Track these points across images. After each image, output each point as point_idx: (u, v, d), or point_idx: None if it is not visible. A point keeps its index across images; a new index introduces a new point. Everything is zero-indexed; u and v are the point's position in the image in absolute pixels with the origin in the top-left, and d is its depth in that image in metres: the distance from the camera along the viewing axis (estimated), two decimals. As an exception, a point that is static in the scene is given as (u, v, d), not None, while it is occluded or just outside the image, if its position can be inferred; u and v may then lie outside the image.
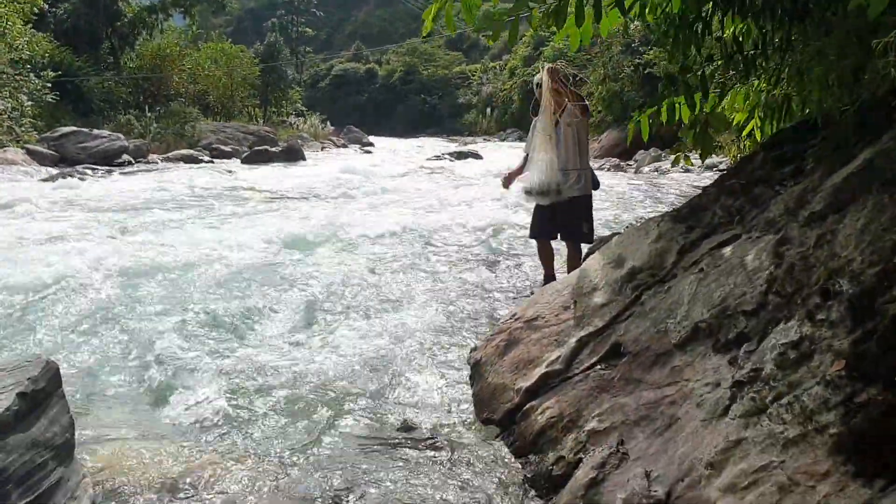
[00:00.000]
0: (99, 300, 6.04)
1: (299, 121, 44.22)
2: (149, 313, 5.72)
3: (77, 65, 29.00)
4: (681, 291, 3.15)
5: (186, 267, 7.22)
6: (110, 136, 22.81)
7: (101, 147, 21.90)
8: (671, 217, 3.72)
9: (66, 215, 10.93)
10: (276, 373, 4.55)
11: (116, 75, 32.11)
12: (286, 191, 15.30)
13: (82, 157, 21.06)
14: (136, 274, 6.93)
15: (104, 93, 30.18)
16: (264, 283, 6.70)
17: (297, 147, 28.06)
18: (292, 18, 79.48)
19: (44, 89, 24.20)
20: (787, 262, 2.67)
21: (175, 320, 5.50)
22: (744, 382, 2.45)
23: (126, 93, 31.65)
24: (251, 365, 4.64)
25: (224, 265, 7.35)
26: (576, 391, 3.32)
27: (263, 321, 5.62)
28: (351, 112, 73.76)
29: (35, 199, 12.36)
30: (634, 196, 13.87)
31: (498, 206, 12.09)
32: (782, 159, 3.46)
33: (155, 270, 7.05)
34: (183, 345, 4.99)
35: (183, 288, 6.48)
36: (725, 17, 4.14)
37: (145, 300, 6.07)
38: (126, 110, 29.76)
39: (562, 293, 4.03)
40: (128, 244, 8.41)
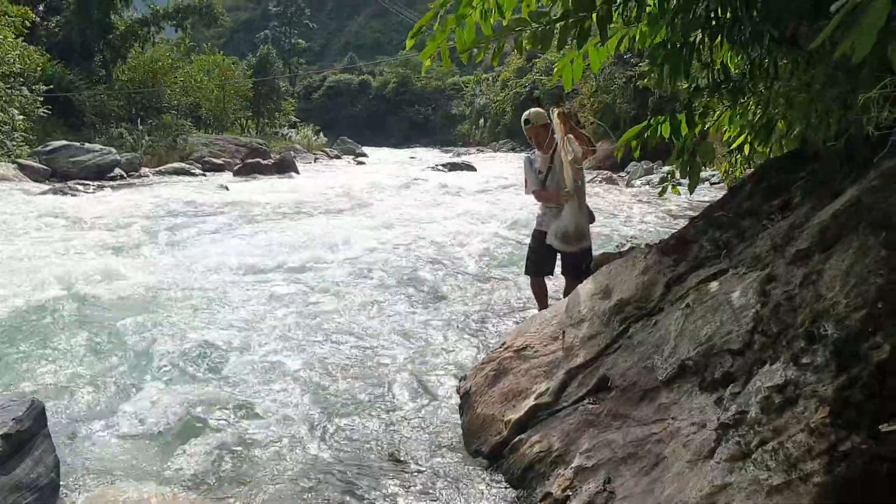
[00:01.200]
0: (83, 328, 5.98)
1: (292, 132, 44.24)
2: (132, 343, 5.65)
3: (69, 78, 28.97)
4: (668, 326, 3.14)
5: (169, 292, 7.17)
6: (102, 150, 22.76)
7: (92, 161, 21.84)
8: (658, 249, 3.71)
9: (53, 234, 10.87)
10: (261, 404, 4.52)
11: (108, 88, 32.09)
12: (275, 206, 15.25)
13: (74, 172, 21.00)
14: (117, 300, 6.88)
15: (96, 106, 30.16)
16: (245, 311, 6.62)
17: (290, 159, 28.06)
18: (285, 30, 79.78)
19: (35, 103, 24.15)
20: (773, 302, 2.66)
21: (158, 351, 5.43)
22: (729, 425, 2.44)
23: (118, 106, 31.62)
24: (235, 398, 4.59)
25: (203, 291, 7.30)
26: (564, 425, 3.31)
27: (244, 351, 5.54)
28: (344, 123, 73.88)
29: (23, 217, 12.30)
30: (625, 211, 13.89)
31: (491, 223, 12.09)
32: (771, 191, 3.47)
33: (137, 296, 7.00)
34: (165, 378, 4.94)
35: (167, 315, 6.41)
36: (714, 43, 4.15)
37: (130, 329, 5.99)
38: (118, 123, 29.76)
39: (550, 323, 4.02)
40: (109, 266, 8.34)
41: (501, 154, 46.28)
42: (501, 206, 14.41)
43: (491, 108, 62.11)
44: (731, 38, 3.93)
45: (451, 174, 25.80)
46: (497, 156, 43.73)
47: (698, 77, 4.62)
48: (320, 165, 33.63)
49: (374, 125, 79.20)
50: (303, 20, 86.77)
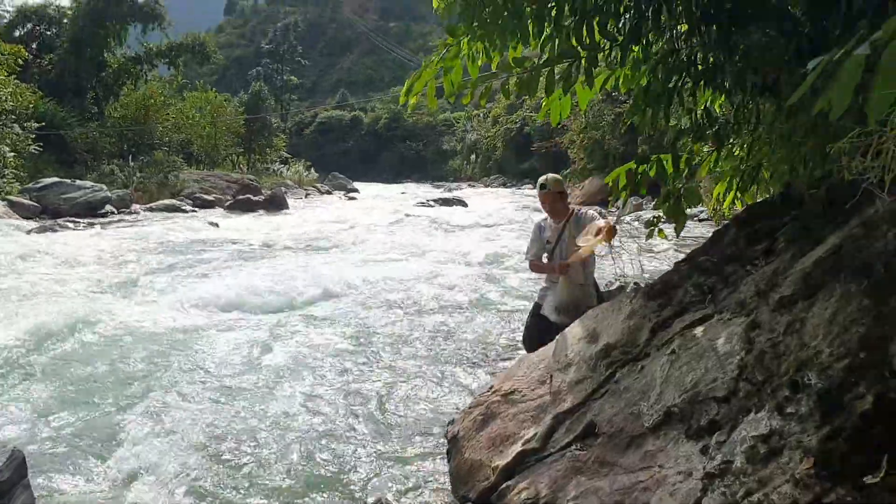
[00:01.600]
0: (65, 372, 5.93)
1: (283, 168, 44.39)
2: (115, 388, 5.59)
3: (61, 115, 29.08)
4: (654, 372, 3.14)
5: (155, 333, 7.13)
6: (93, 187, 22.77)
7: (83, 198, 21.84)
8: (643, 293, 3.72)
9: (39, 273, 10.81)
10: (244, 448, 4.47)
11: (100, 125, 32.20)
12: (266, 242, 15.27)
13: (65, 209, 20.98)
14: (102, 341, 6.83)
15: (88, 143, 30.24)
16: (230, 351, 6.59)
17: (281, 195, 28.13)
18: (277, 67, 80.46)
19: (27, 140, 24.19)
20: (757, 349, 2.67)
21: (142, 396, 5.38)
22: (715, 475, 2.42)
23: (110, 142, 31.71)
24: (219, 441, 4.55)
25: (188, 332, 7.26)
26: (551, 472, 3.28)
27: (227, 394, 5.50)
28: (336, 159, 74.30)
29: (8, 255, 12.23)
30: (616, 248, 13.91)
31: (482, 261, 12.10)
32: (754, 236, 3.49)
33: (122, 338, 6.95)
34: (149, 424, 4.87)
35: (151, 357, 6.37)
36: (696, 89, 4.21)
37: (113, 373, 5.94)
38: (110, 160, 29.81)
39: (538, 367, 4.01)
40: (95, 306, 8.30)
41: (493, 189, 46.53)
42: (493, 244, 14.46)
43: (482, 144, 62.65)
44: (713, 84, 3.99)
45: (443, 209, 25.90)
46: (488, 191, 43.93)
47: (682, 120, 4.68)
48: (311, 201, 33.71)
49: (365, 161, 79.70)
50: (295, 57, 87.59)
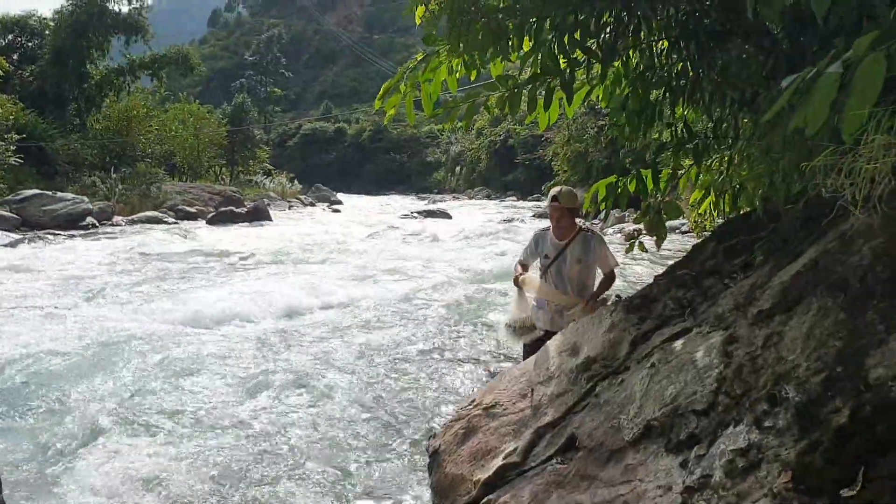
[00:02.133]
0: (42, 391, 5.86)
1: (266, 180, 44.28)
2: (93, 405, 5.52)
3: (42, 127, 28.88)
4: (633, 386, 3.15)
5: (134, 348, 7.06)
6: (74, 199, 22.61)
7: (64, 210, 21.68)
8: (624, 307, 3.74)
9: (16, 286, 10.72)
10: (222, 462, 4.44)
11: (82, 137, 31.99)
12: (247, 255, 15.22)
13: (45, 221, 20.81)
14: (80, 358, 6.76)
15: (69, 154, 30.02)
16: (208, 365, 6.54)
17: (263, 207, 28.05)
18: (261, 79, 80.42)
19: (7, 152, 24.00)
20: (735, 363, 2.68)
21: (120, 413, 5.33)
22: (694, 489, 2.43)
23: (92, 154, 31.51)
24: (196, 456, 4.52)
25: (167, 345, 7.22)
26: (532, 486, 3.27)
27: (203, 410, 5.45)
28: (319, 170, 74.18)
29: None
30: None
31: (466, 274, 12.11)
32: (733, 250, 3.52)
33: (99, 354, 6.88)
34: (127, 442, 4.82)
35: (130, 373, 6.31)
36: (676, 104, 4.24)
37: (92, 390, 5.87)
38: (91, 172, 29.61)
39: (519, 380, 4.01)
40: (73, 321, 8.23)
41: (477, 201, 46.64)
42: (477, 256, 14.47)
43: (466, 156, 62.79)
44: (692, 99, 4.02)
45: (427, 221, 25.90)
46: (473, 203, 44.03)
47: (663, 134, 4.72)
48: (295, 213, 33.64)
49: (349, 172, 79.57)
50: (279, 69, 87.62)
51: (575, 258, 4.93)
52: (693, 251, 3.91)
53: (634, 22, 4.04)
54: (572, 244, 4.95)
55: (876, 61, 1.71)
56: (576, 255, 4.94)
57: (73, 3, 33.18)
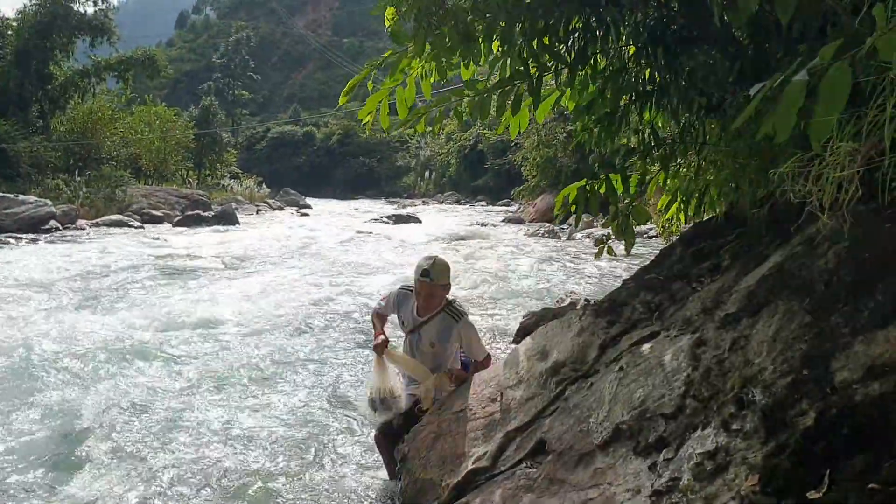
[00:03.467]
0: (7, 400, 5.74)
1: (234, 183, 43.91)
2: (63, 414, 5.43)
3: (4, 129, 28.38)
4: (602, 389, 3.15)
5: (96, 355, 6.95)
6: (37, 202, 22.22)
7: (26, 213, 21.30)
8: (592, 311, 3.75)
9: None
10: (192, 470, 4.37)
11: (46, 139, 31.47)
12: (213, 259, 15.06)
13: (7, 224, 20.43)
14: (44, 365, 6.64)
15: (32, 157, 29.52)
16: (177, 371, 6.48)
17: (231, 211, 27.82)
18: (229, 82, 79.76)
19: (-33, 153, 23.56)
20: (703, 366, 2.70)
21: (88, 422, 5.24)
22: (662, 492, 2.44)
23: (55, 157, 31.01)
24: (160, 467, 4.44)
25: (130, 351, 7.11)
26: (502, 490, 3.26)
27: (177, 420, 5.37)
28: (288, 174, 73.79)
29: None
30: (565, 265, 14.05)
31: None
32: (700, 254, 3.54)
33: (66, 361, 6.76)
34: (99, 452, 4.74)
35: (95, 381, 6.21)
36: (644, 109, 4.27)
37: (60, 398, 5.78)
38: (55, 174, 29.16)
39: (489, 384, 4.00)
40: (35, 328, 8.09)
41: (447, 206, 46.68)
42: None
43: (436, 161, 62.82)
44: (659, 104, 4.05)
45: (396, 226, 25.84)
46: (442, 207, 44.05)
47: (631, 139, 4.75)
48: (263, 217, 33.38)
49: (318, 176, 79.20)
50: (247, 72, 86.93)
51: (428, 340, 4.27)
52: (661, 255, 3.93)
53: (603, 27, 4.06)
54: (429, 324, 4.24)
55: (842, 70, 1.72)
56: (429, 338, 4.26)
57: (37, 4, 32.65)
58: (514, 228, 24.99)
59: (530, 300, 9.80)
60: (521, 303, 9.62)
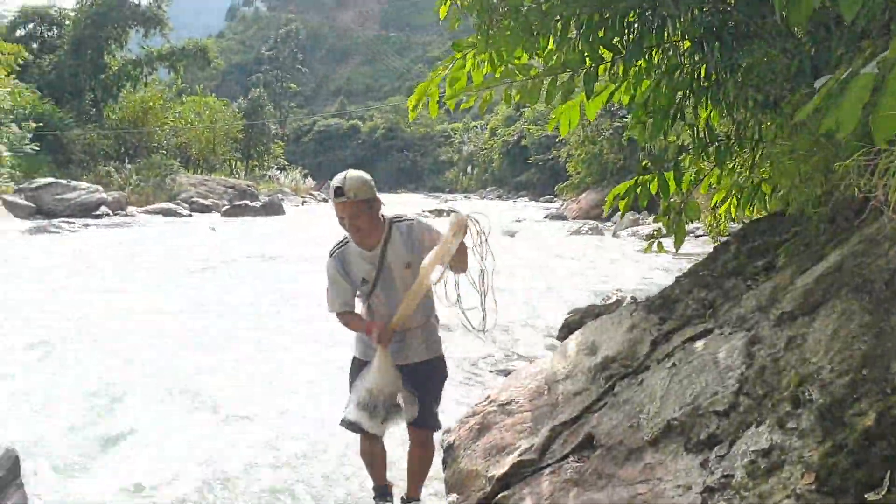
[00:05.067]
0: (61, 374, 5.90)
1: (280, 175, 44.41)
2: (109, 390, 5.54)
3: (59, 116, 29.09)
4: (653, 385, 3.14)
5: (147, 336, 7.10)
6: (89, 188, 22.77)
7: (79, 199, 21.82)
8: (644, 307, 3.73)
9: (30, 273, 10.80)
10: (243, 454, 4.45)
11: (98, 127, 32.21)
12: (261, 248, 15.24)
13: (59, 209, 20.95)
14: (95, 344, 6.80)
15: (85, 144, 30.26)
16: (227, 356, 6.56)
17: (277, 202, 28.16)
18: (277, 74, 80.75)
19: (24, 140, 24.18)
20: (758, 364, 2.67)
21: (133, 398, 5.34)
22: (715, 489, 2.42)
23: (107, 144, 31.75)
24: (215, 451, 4.52)
25: (182, 335, 7.25)
26: (548, 483, 3.27)
27: (229, 399, 5.47)
28: (333, 167, 73.96)
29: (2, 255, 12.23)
30: (611, 262, 13.93)
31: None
32: (755, 252, 3.50)
33: (114, 340, 6.91)
34: (141, 427, 4.83)
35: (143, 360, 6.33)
36: (699, 105, 4.23)
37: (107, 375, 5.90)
38: (106, 162, 29.81)
39: (536, 377, 4.01)
40: (88, 308, 8.29)
41: (488, 201, 46.58)
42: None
43: (479, 156, 62.78)
44: (714, 100, 4.01)
45: (438, 220, 25.83)
46: (484, 203, 43.99)
47: (683, 136, 4.71)
48: (307, 208, 33.70)
49: (362, 169, 78.92)
50: (295, 65, 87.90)
51: (402, 262, 3.38)
52: (715, 252, 3.89)
53: (658, 21, 4.04)
54: (390, 246, 3.39)
55: (913, 63, 1.69)
56: (401, 258, 3.38)
57: (94, -5, 33.48)
58: (557, 225, 24.86)
59: (574, 297, 9.75)
60: (565, 300, 9.57)
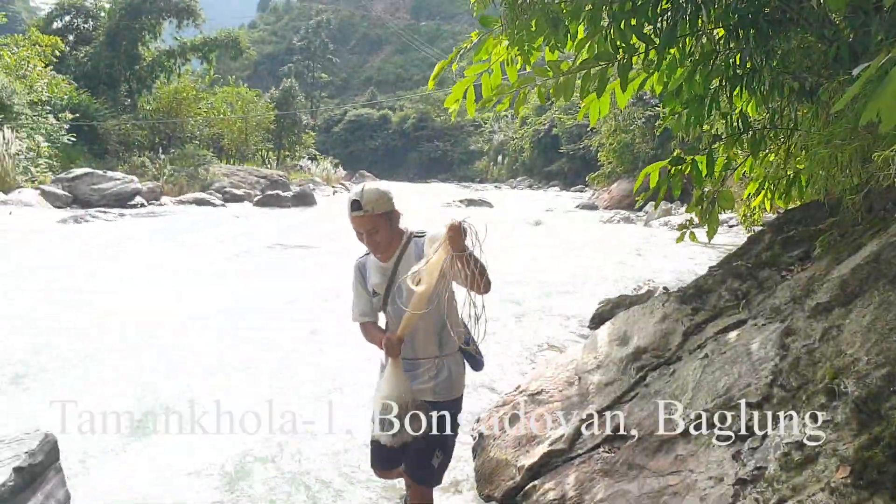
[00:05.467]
0: (98, 361, 5.99)
1: (312, 165, 44.62)
2: (147, 378, 5.62)
3: (95, 107, 29.47)
4: (685, 376, 3.12)
5: (184, 324, 7.17)
6: (124, 178, 23.04)
7: (114, 189, 22.10)
8: (676, 297, 3.70)
9: (70, 261, 10.97)
10: (278, 443, 4.49)
11: (133, 117, 32.60)
12: (293, 238, 15.33)
13: (95, 199, 21.24)
14: (133, 332, 6.89)
15: (120, 134, 30.65)
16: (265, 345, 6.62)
17: (309, 192, 28.29)
18: (308, 64, 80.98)
19: (61, 130, 24.56)
20: (792, 355, 2.64)
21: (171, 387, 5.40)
22: (747, 481, 2.40)
23: (142, 135, 32.12)
24: (256, 435, 4.57)
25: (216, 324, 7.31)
26: (578, 473, 3.27)
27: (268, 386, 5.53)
28: (363, 157, 74.61)
29: (41, 244, 12.44)
30: (642, 252, 13.82)
31: (506, 262, 12.05)
32: (790, 242, 3.46)
33: (151, 328, 6.99)
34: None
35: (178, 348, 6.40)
36: (734, 93, 4.18)
37: (144, 363, 5.98)
38: (141, 152, 30.16)
39: (566, 368, 4.00)
40: (128, 296, 8.41)
41: (519, 191, 46.41)
42: (517, 245, 14.42)
43: (509, 145, 62.54)
44: (750, 88, 3.95)
45: (469, 210, 25.82)
46: (514, 192, 43.83)
47: (717, 123, 4.65)
48: (338, 198, 33.79)
49: (392, 159, 79.93)
50: (326, 55, 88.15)
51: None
52: (749, 242, 3.85)
53: (692, 8, 3.99)
54: (404, 259, 3.15)
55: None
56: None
57: (129, -13, 33.83)
58: (588, 214, 24.72)
59: (605, 287, 9.69)
60: (596, 289, 9.52)
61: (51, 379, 5.52)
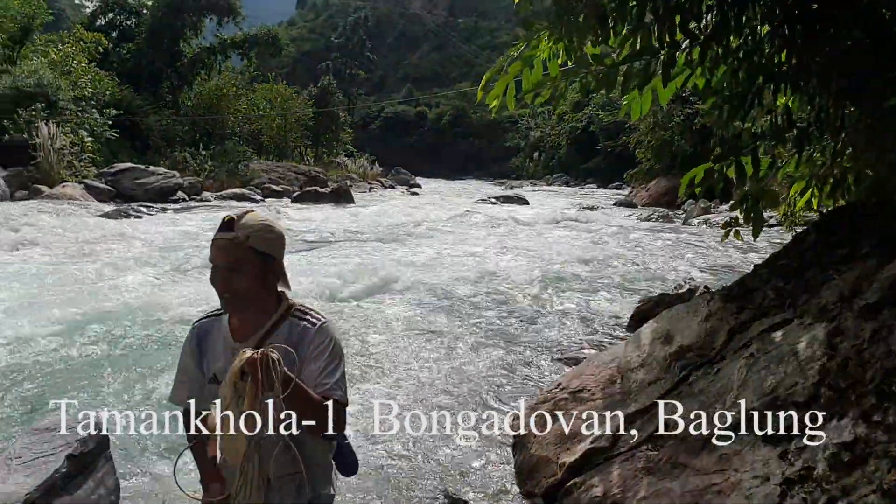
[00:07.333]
0: (150, 352, 6.13)
1: (349, 161, 44.88)
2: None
3: (137, 102, 29.97)
4: (730, 375, 3.10)
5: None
6: (165, 174, 23.40)
7: (156, 184, 22.46)
8: (721, 296, 3.68)
9: (116, 255, 11.19)
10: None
11: (174, 113, 33.08)
12: (331, 234, 15.48)
13: (138, 194, 21.61)
14: (186, 324, 7.02)
15: (162, 130, 31.12)
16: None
17: (346, 188, 28.45)
18: (346, 61, 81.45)
19: (104, 126, 25.00)
20: (840, 355, 2.62)
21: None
22: (794, 481, 2.39)
23: (183, 131, 32.58)
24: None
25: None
26: (621, 471, 3.27)
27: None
28: (400, 153, 74.73)
29: (88, 237, 12.70)
30: (682, 251, 13.69)
31: (544, 260, 12.02)
32: (836, 241, 3.42)
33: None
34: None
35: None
36: (778, 91, 4.13)
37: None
38: (182, 148, 30.57)
39: (608, 366, 3.99)
40: (177, 289, 8.56)
41: (555, 188, 46.21)
42: (554, 242, 14.38)
43: (546, 142, 62.27)
44: (795, 86, 3.90)
45: (504, 207, 25.77)
46: (551, 189, 43.66)
47: (760, 122, 4.59)
48: (375, 195, 33.99)
49: (428, 156, 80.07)
50: (364, 52, 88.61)
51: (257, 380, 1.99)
52: (794, 241, 3.81)
53: (738, 4, 3.95)
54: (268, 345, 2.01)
55: None
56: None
57: (170, -16, 34.33)
58: (626, 212, 24.53)
59: (645, 286, 9.64)
60: (635, 288, 9.47)
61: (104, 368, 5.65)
